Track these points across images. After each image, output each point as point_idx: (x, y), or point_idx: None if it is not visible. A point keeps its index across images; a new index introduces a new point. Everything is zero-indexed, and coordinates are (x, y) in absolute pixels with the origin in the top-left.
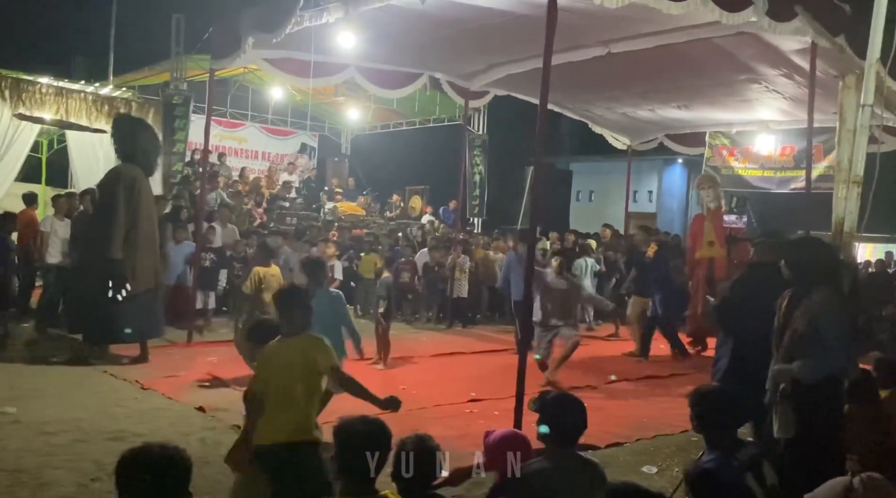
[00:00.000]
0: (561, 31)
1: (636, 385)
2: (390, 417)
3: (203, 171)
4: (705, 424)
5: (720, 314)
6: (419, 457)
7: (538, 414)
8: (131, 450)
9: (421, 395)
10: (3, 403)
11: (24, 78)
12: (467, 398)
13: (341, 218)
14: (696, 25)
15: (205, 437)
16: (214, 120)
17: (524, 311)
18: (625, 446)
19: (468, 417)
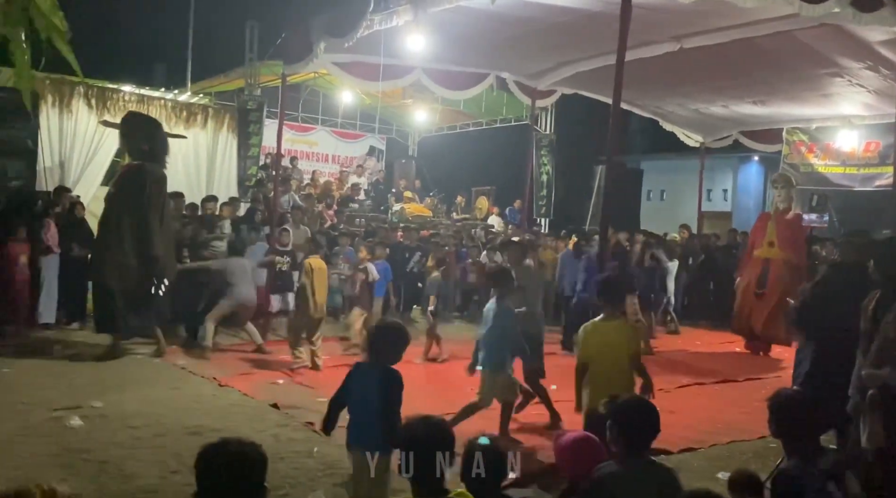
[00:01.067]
0: (631, 27)
1: (710, 388)
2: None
3: (276, 174)
4: (785, 430)
5: (801, 316)
6: (489, 457)
7: (608, 417)
8: (210, 445)
9: None
10: (90, 397)
11: (109, 86)
12: (535, 400)
13: (408, 219)
14: (774, 18)
15: (278, 433)
16: (287, 124)
17: (577, 308)
18: (699, 452)
19: (537, 419)
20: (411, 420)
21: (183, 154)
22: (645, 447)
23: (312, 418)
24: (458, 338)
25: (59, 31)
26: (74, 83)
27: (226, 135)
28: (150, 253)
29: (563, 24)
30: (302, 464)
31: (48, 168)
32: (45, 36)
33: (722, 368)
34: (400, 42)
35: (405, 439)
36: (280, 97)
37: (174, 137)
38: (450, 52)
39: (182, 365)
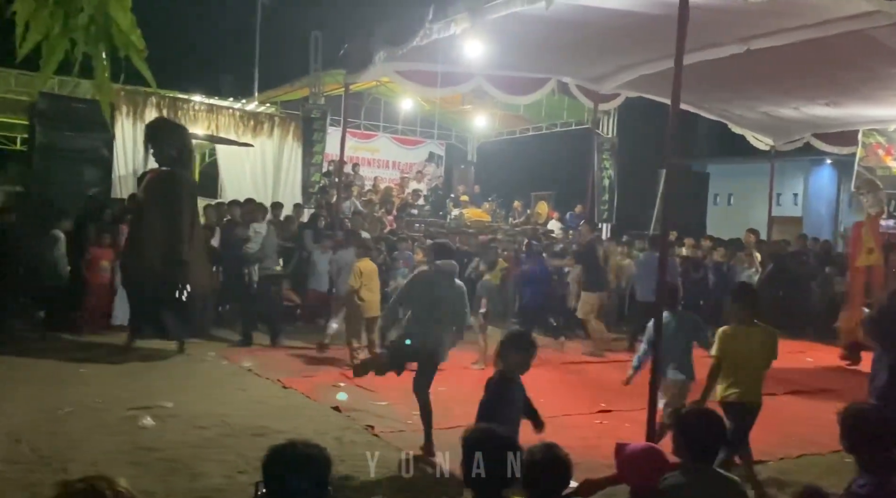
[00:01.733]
0: (695, 29)
1: (780, 399)
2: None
3: (339, 180)
4: (858, 445)
5: (877, 326)
6: (548, 466)
7: (673, 427)
8: (277, 446)
9: (547, 403)
10: (162, 398)
11: (180, 96)
12: (597, 409)
13: (467, 224)
14: (848, 17)
15: (340, 436)
16: (349, 132)
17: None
18: (767, 464)
19: (598, 429)
20: (477, 427)
21: (250, 162)
22: (711, 458)
23: (373, 422)
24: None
25: (136, 49)
26: (148, 94)
27: (291, 143)
28: (178, 258)
29: (624, 28)
30: (363, 467)
31: (122, 176)
32: (123, 53)
33: (794, 378)
34: (459, 49)
35: (468, 445)
36: (343, 105)
37: (242, 146)
38: (509, 57)
39: (248, 367)
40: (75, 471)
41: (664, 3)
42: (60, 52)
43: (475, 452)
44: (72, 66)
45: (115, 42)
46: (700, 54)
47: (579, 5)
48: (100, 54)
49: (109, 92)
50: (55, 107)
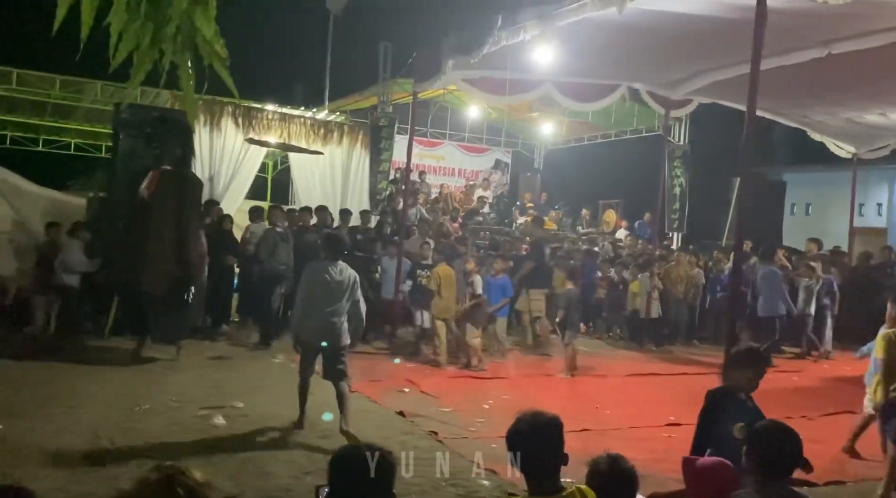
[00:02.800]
0: (773, 34)
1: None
2: (584, 436)
3: (405, 188)
4: None
5: None
6: (613, 478)
7: (745, 443)
8: (343, 449)
9: (615, 415)
10: (233, 398)
11: (254, 106)
12: (665, 422)
13: (532, 232)
14: None
15: (404, 441)
16: (416, 140)
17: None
18: (847, 485)
19: (666, 442)
20: (523, 414)
21: (320, 169)
22: (785, 476)
23: (437, 428)
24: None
25: (219, 58)
26: (224, 103)
27: (359, 151)
28: (188, 259)
29: (698, 32)
30: (427, 473)
31: None
32: (207, 62)
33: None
34: (528, 56)
35: (517, 433)
36: (410, 113)
37: (312, 153)
38: (579, 64)
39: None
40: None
41: (740, 7)
42: (150, 63)
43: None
44: (158, 75)
45: (200, 51)
46: (778, 59)
47: (652, 10)
48: (185, 64)
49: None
50: (137, 116)
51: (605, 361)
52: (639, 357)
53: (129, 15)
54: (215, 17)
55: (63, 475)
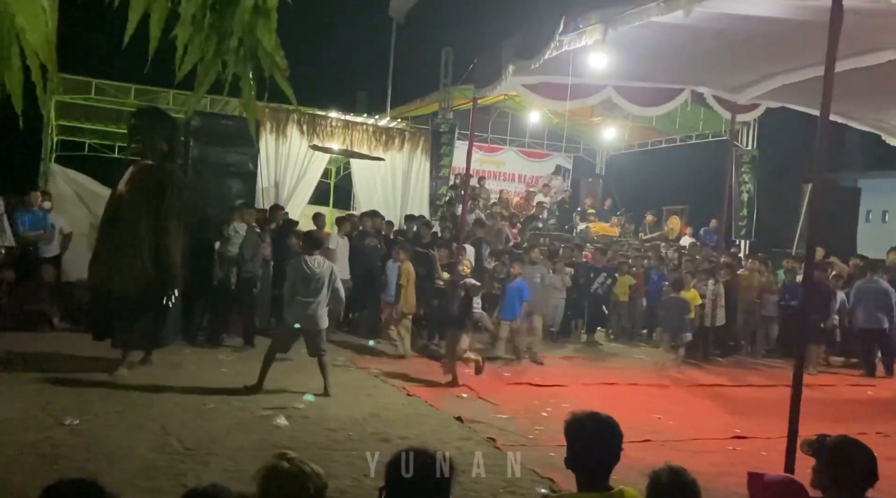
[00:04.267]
0: (848, 35)
1: None
2: (644, 447)
3: (465, 193)
4: None
5: None
6: (674, 491)
7: (814, 458)
8: (403, 452)
9: (677, 426)
10: (294, 400)
11: (318, 113)
12: (730, 435)
13: (594, 239)
14: None
15: (461, 446)
16: (476, 145)
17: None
18: None
19: (731, 455)
20: (580, 414)
21: (381, 175)
22: (858, 494)
23: (495, 434)
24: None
25: (279, 69)
26: (289, 111)
27: (419, 156)
28: (168, 261)
29: (768, 35)
30: (484, 479)
31: (265, 188)
32: (268, 73)
33: None
34: (589, 61)
35: (572, 432)
36: (471, 119)
37: (373, 159)
38: (642, 68)
39: (375, 373)
40: (216, 464)
41: (814, 8)
42: (214, 73)
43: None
44: (222, 85)
45: (261, 63)
46: (853, 61)
47: (721, 13)
48: (247, 74)
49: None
50: (207, 124)
51: (668, 372)
52: (702, 367)
53: (193, 28)
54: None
55: (133, 470)
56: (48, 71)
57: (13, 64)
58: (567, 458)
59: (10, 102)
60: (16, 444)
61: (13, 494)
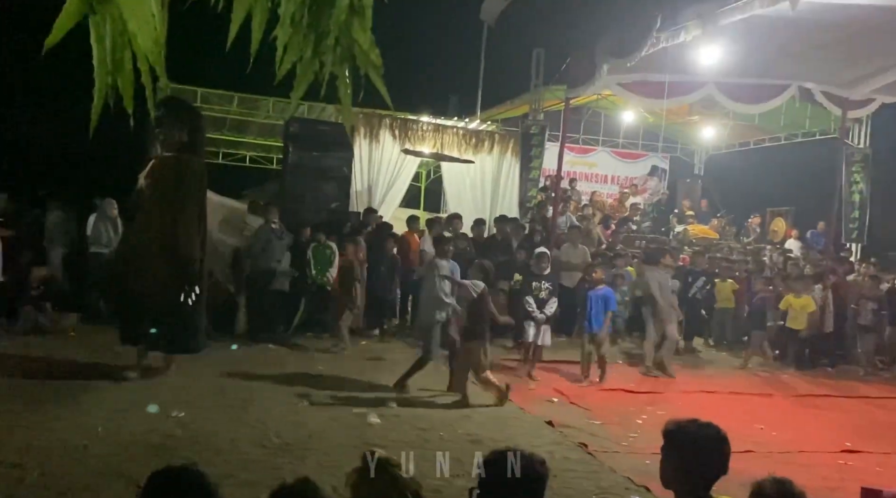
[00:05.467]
0: None
1: None
2: (746, 458)
3: (555, 195)
4: None
5: None
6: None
7: None
8: (496, 452)
9: (782, 438)
10: (387, 398)
11: (410, 118)
12: (840, 448)
13: (691, 241)
14: None
15: (552, 451)
16: (567, 147)
17: None
18: None
19: (842, 470)
20: (682, 421)
21: (471, 178)
22: None
23: (587, 440)
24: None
25: (375, 67)
26: (382, 116)
27: (509, 159)
28: (183, 255)
29: (882, 26)
30: (576, 485)
31: (359, 191)
32: (363, 72)
33: None
34: (688, 57)
35: (673, 439)
36: (562, 120)
37: (463, 162)
38: (744, 64)
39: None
40: (312, 459)
41: None
42: (311, 74)
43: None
44: (319, 89)
45: (357, 62)
46: None
47: (830, 3)
48: (343, 74)
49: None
50: (304, 130)
51: (771, 381)
52: (808, 377)
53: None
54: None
55: (234, 463)
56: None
57: (125, 67)
58: (664, 470)
59: (120, 110)
60: (127, 433)
61: (126, 480)
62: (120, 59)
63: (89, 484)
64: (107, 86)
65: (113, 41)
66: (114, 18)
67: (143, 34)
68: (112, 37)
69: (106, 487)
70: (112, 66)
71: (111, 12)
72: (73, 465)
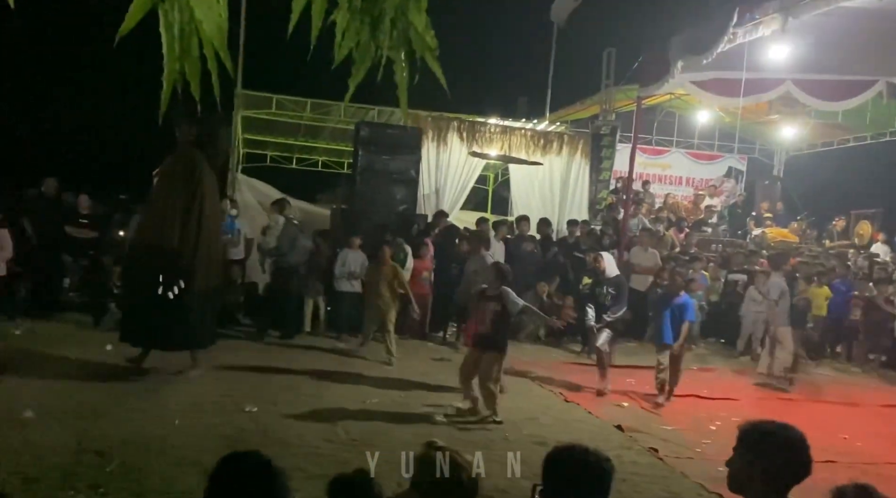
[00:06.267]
0: None
1: None
2: (829, 468)
3: (626, 198)
4: None
5: None
6: None
7: None
8: (560, 447)
9: (867, 448)
10: (453, 398)
11: (478, 120)
12: None
13: (770, 245)
14: None
15: (621, 455)
16: (639, 148)
17: None
18: None
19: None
20: (760, 422)
21: (539, 180)
22: None
23: (657, 445)
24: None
25: (430, 50)
26: (450, 119)
27: (579, 160)
28: (171, 247)
29: None
30: (645, 489)
31: (426, 194)
32: (419, 55)
33: None
34: (766, 53)
35: (747, 439)
36: (634, 120)
37: (531, 164)
38: (826, 59)
39: (533, 376)
40: (378, 455)
41: None
42: (369, 59)
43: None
44: (383, 90)
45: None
46: None
47: None
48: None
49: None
50: (374, 134)
51: (858, 390)
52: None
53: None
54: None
55: (302, 456)
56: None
57: (192, 53)
58: (737, 473)
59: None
60: (203, 426)
61: (201, 470)
62: (187, 45)
63: (166, 473)
64: (175, 73)
65: (181, 28)
66: (181, 6)
67: (209, 20)
68: (180, 24)
69: (182, 475)
70: (180, 53)
71: (179, 0)
72: (151, 454)
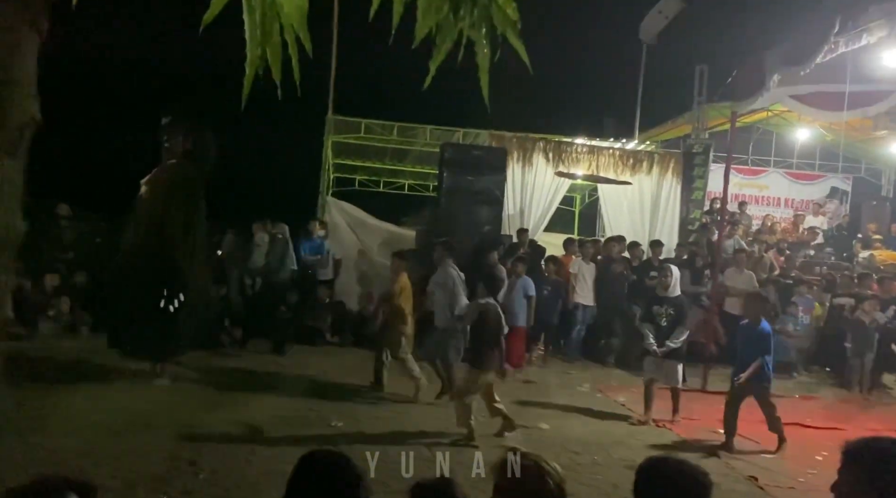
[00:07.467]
0: None
1: None
2: None
3: (721, 218)
4: None
5: None
6: None
7: None
8: (653, 458)
9: None
10: (539, 419)
11: (564, 140)
12: None
13: (879, 268)
14: None
15: (718, 482)
16: (734, 168)
17: None
18: None
19: None
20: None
21: (628, 200)
22: None
23: (757, 473)
24: None
25: (512, 25)
26: (536, 139)
27: (670, 179)
28: (170, 264)
29: None
30: None
31: (511, 214)
32: (500, 31)
33: None
34: (871, 63)
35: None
36: (729, 137)
37: (620, 184)
38: None
39: (622, 401)
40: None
41: None
42: (451, 39)
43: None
44: (458, 50)
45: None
46: None
47: None
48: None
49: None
50: (459, 155)
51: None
52: None
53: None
54: None
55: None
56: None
57: (273, 38)
58: (844, 494)
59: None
60: (289, 439)
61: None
62: (269, 30)
63: (254, 482)
64: (257, 58)
65: (262, 13)
66: None
67: (289, 4)
68: (262, 9)
69: (269, 485)
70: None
71: None
72: (240, 464)
